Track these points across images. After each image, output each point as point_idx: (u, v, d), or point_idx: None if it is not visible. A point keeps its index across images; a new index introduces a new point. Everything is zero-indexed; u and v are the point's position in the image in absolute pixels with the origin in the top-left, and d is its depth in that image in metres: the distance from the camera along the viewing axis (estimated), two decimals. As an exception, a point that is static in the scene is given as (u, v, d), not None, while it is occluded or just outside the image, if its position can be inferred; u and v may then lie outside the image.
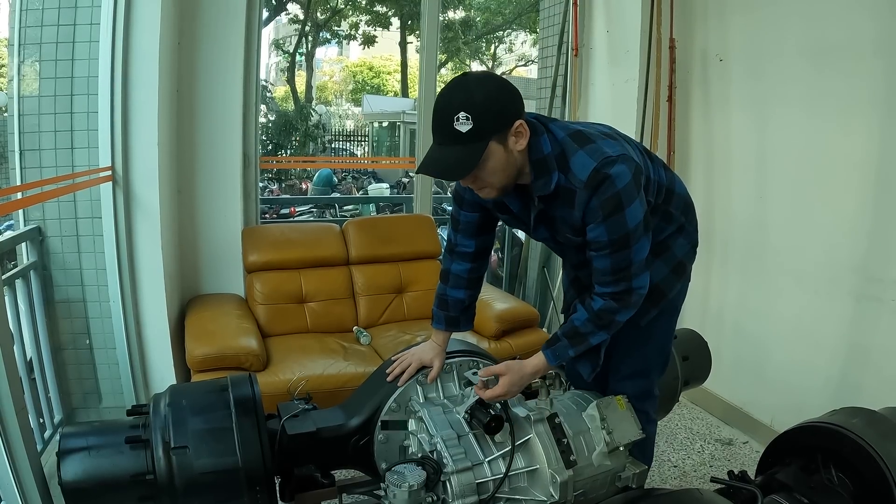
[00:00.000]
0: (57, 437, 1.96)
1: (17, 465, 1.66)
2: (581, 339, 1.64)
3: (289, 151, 14.81)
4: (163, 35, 2.64)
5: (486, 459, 1.62)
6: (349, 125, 21.99)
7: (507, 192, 1.61)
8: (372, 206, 9.48)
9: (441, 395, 1.86)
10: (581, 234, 1.59)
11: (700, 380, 2.50)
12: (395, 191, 13.35)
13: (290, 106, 18.07)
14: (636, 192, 1.50)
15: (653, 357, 1.91)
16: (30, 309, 2.55)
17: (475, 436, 1.67)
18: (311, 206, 9.50)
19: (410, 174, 10.24)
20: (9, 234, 2.80)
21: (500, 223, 1.88)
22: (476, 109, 1.41)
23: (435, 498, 1.61)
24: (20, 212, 2.64)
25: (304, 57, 19.42)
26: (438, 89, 3.87)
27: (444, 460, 1.59)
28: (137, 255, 2.72)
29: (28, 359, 2.55)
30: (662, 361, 1.95)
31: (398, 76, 22.75)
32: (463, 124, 1.40)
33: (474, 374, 1.83)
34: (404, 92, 20.49)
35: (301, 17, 17.73)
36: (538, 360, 1.69)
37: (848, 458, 1.72)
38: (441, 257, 1.91)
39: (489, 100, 1.43)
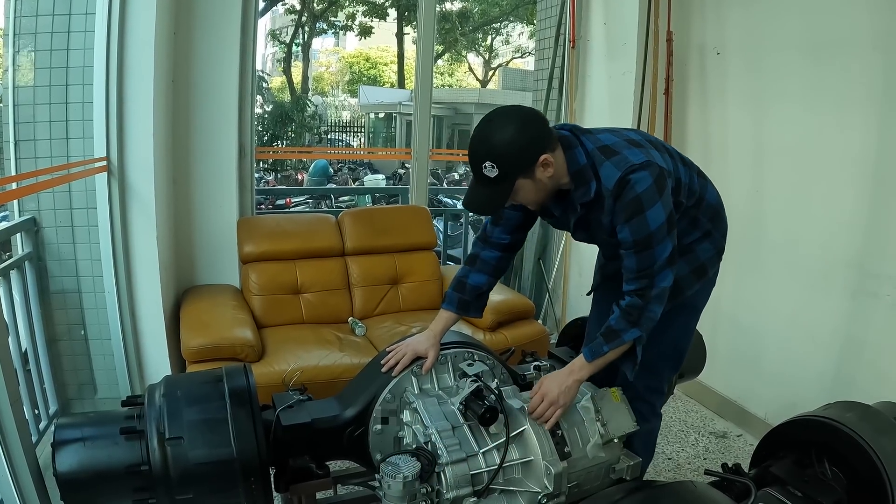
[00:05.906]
0: (52, 428, 1.96)
1: (11, 456, 1.66)
2: (614, 335, 1.70)
3: (285, 142, 14.75)
4: (158, 25, 2.62)
5: (481, 451, 1.62)
6: (345, 116, 21.92)
7: (546, 203, 1.77)
8: (368, 198, 9.46)
9: (436, 386, 1.86)
10: (614, 235, 1.71)
11: (695, 372, 2.50)
12: (391, 182, 13.34)
13: (287, 96, 18.01)
14: (657, 196, 1.60)
15: (665, 352, 1.93)
16: (24, 300, 2.54)
17: (470, 427, 1.66)
18: (306, 196, 9.46)
19: (406, 165, 10.21)
20: (4, 224, 2.79)
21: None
22: (499, 158, 1.58)
23: (429, 489, 1.62)
24: (15, 202, 2.63)
25: (300, 47, 19.33)
26: (434, 80, 3.87)
27: (439, 451, 1.59)
28: (132, 245, 2.72)
29: (23, 350, 2.55)
30: (675, 357, 1.97)
31: (395, 67, 22.69)
32: (489, 171, 1.59)
33: (469, 365, 1.84)
34: (401, 83, 20.47)
35: (298, 7, 17.67)
36: (577, 359, 1.77)
37: (842, 451, 1.74)
38: (473, 244, 2.02)
39: (510, 146, 1.58)
